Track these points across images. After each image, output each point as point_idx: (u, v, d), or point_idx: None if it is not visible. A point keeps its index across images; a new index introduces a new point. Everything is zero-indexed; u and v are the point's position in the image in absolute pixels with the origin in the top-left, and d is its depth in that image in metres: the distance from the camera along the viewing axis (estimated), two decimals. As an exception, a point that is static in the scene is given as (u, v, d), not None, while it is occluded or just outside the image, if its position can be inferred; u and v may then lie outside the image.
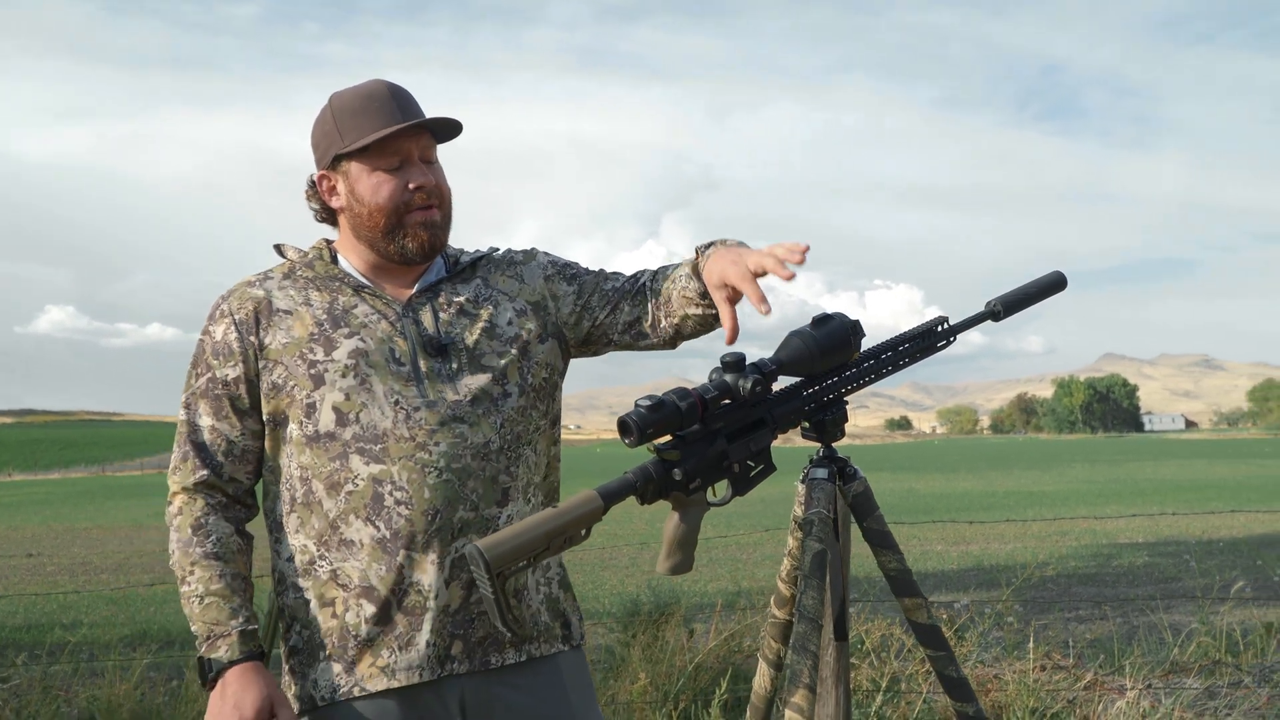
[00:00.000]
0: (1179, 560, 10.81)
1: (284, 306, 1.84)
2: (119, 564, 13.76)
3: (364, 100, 1.83)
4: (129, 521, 22.00)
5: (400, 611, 1.74)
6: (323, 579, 1.77)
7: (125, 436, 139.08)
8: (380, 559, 1.73)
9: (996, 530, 14.35)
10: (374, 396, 1.77)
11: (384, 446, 1.75)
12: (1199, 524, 14.38)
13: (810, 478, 1.75)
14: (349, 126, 1.82)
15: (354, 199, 1.85)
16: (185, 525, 1.78)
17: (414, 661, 1.74)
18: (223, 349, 1.83)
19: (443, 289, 1.91)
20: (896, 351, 1.81)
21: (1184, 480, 27.38)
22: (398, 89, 1.86)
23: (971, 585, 9.18)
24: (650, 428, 1.54)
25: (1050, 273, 1.97)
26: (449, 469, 1.76)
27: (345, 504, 1.75)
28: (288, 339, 1.81)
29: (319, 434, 1.77)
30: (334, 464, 1.76)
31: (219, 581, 1.75)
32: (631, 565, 11.57)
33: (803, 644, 1.61)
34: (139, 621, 8.66)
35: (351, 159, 1.84)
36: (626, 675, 4.59)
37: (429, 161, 1.88)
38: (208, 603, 1.73)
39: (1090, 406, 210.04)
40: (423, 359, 1.82)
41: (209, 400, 1.82)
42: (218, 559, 1.76)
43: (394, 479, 1.74)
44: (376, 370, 1.78)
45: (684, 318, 1.89)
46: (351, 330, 1.81)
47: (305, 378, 1.78)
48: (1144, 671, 4.67)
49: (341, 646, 1.75)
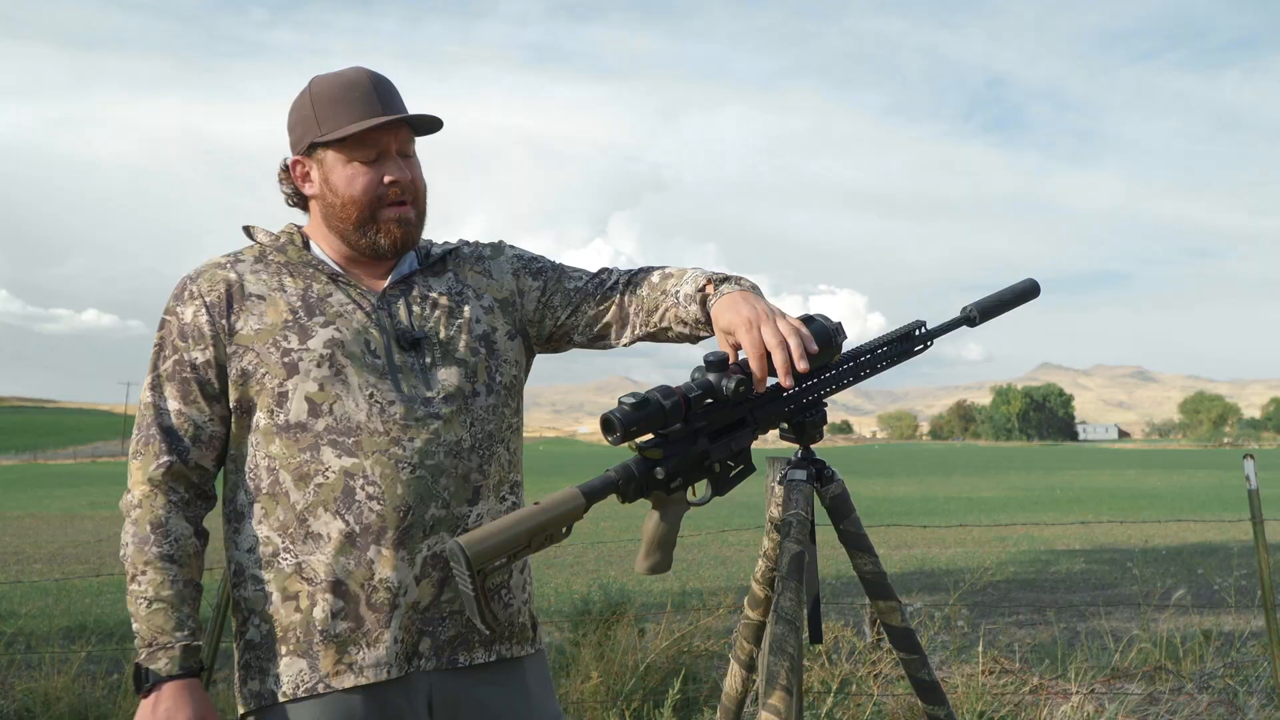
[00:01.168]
0: (1115, 567, 11.00)
1: (256, 291, 1.80)
2: (53, 554, 13.47)
3: (344, 89, 1.80)
4: (62, 510, 21.58)
5: (368, 608, 1.71)
6: (286, 572, 1.72)
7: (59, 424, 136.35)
8: (349, 553, 1.70)
9: (938, 535, 14.51)
10: (348, 388, 1.74)
11: (357, 440, 1.72)
12: (1134, 532, 14.66)
13: (789, 479, 1.75)
14: (327, 114, 1.79)
15: (328, 188, 1.82)
16: (144, 521, 1.73)
17: (381, 658, 1.71)
18: (192, 331, 1.77)
19: (416, 282, 1.88)
20: (875, 354, 1.81)
21: (1118, 489, 27.91)
22: (380, 79, 1.83)
23: (914, 589, 9.27)
24: (634, 425, 1.53)
25: (1024, 280, 1.99)
26: (423, 465, 1.74)
27: (314, 496, 1.71)
28: (260, 325, 1.77)
29: (290, 424, 1.73)
30: (304, 455, 1.72)
31: (170, 587, 1.70)
32: (577, 564, 11.55)
33: (780, 646, 1.61)
34: (76, 613, 8.48)
35: (328, 148, 1.81)
36: (578, 674, 4.57)
37: (406, 156, 1.85)
38: (155, 608, 1.69)
39: (1027, 415, 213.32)
40: (397, 352, 1.79)
41: (176, 383, 1.77)
42: (172, 562, 1.71)
43: (366, 473, 1.71)
44: (352, 361, 1.75)
45: (666, 330, 1.88)
46: (327, 319, 1.78)
47: (278, 365, 1.74)
48: (1087, 676, 4.75)
49: (306, 642, 1.71)
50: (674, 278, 1.89)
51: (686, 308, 1.82)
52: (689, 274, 1.86)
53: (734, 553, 12.47)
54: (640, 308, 1.91)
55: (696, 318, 1.81)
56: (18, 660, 5.31)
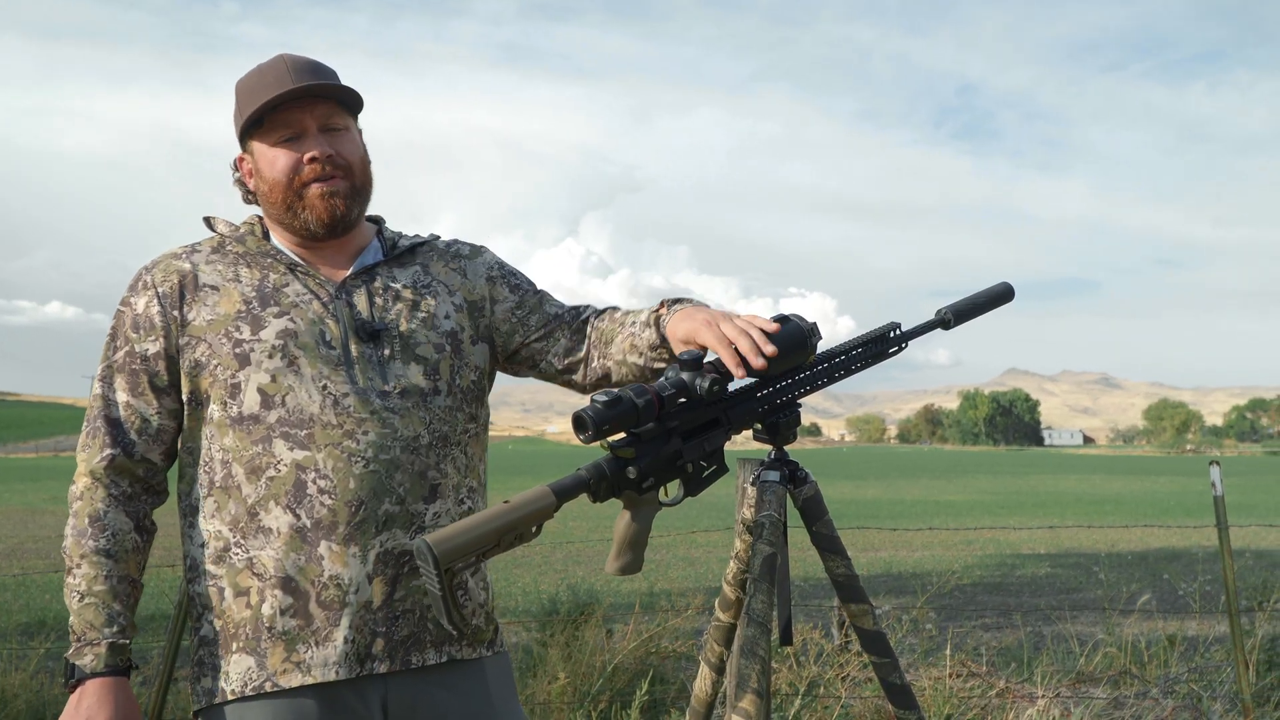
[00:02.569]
0: (1081, 571, 11.09)
1: (211, 281, 1.77)
2: (13, 549, 13.32)
3: (259, 76, 1.78)
4: (23, 504, 21.34)
5: (318, 605, 1.67)
6: (237, 567, 1.69)
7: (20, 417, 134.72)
8: (299, 549, 1.67)
9: (905, 538, 14.58)
10: (302, 379, 1.71)
11: (309, 432, 1.69)
12: (1100, 536, 14.78)
13: (762, 480, 1.73)
14: (246, 104, 1.78)
15: (259, 177, 1.81)
16: (84, 513, 1.70)
17: (330, 658, 1.67)
18: (144, 322, 1.75)
19: (379, 272, 1.85)
20: (850, 355, 1.79)
21: (1083, 494, 28.15)
22: (298, 60, 1.80)
23: (882, 591, 9.30)
24: (606, 424, 1.51)
25: (999, 283, 1.98)
26: (376, 459, 1.71)
27: (265, 490, 1.68)
28: (212, 315, 1.74)
29: (242, 416, 1.70)
30: (256, 448, 1.69)
31: (103, 582, 1.67)
32: (545, 564, 11.52)
33: (751, 648, 1.59)
34: (35, 609, 8.37)
35: (253, 137, 1.80)
36: (545, 675, 4.55)
37: (333, 130, 1.80)
38: (87, 603, 1.66)
39: (993, 419, 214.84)
40: (354, 343, 1.76)
41: (126, 375, 1.74)
42: (108, 556, 1.68)
43: (318, 466, 1.68)
44: (305, 352, 1.72)
45: (621, 363, 1.87)
46: (281, 310, 1.75)
47: (230, 356, 1.71)
48: (1053, 680, 4.76)
49: (255, 638, 1.68)
50: (631, 314, 1.89)
51: (641, 334, 1.81)
52: (645, 310, 1.87)
53: (702, 554, 12.48)
54: (599, 339, 1.91)
55: (651, 342, 1.79)
56: (-26, 657, 5.22)
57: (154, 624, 6.97)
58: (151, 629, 6.73)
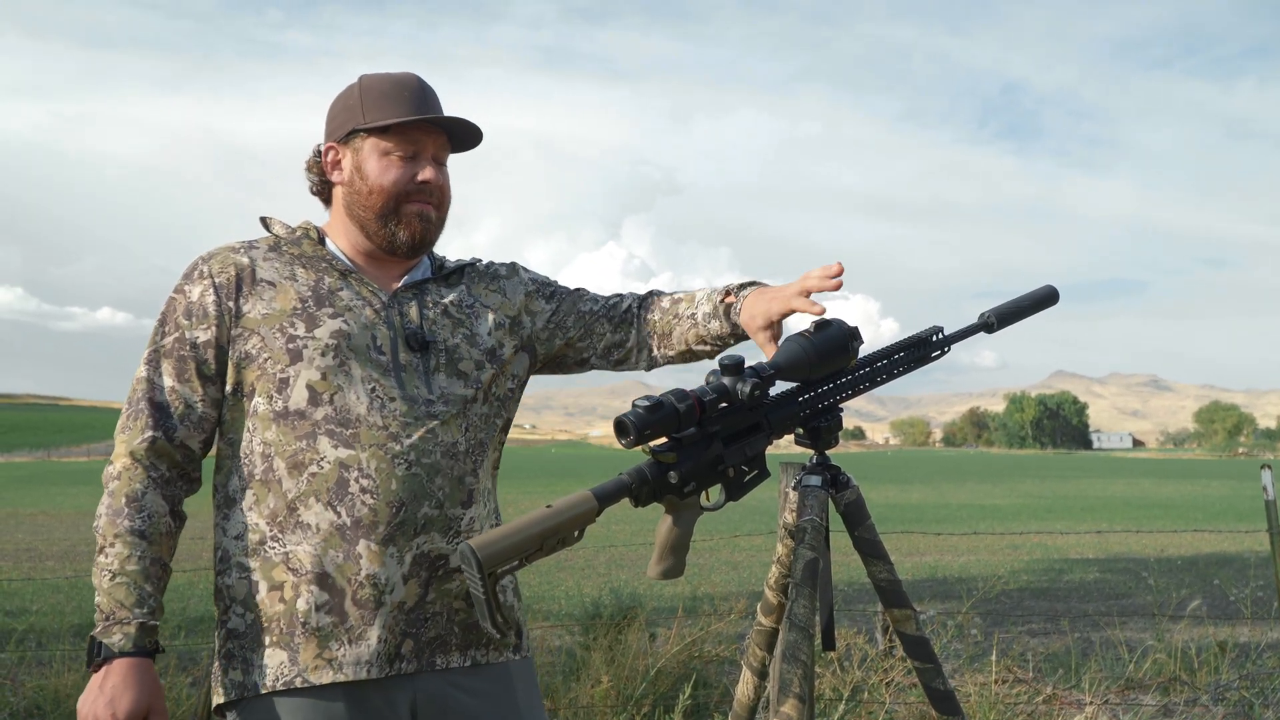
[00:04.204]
0: (1130, 576, 10.94)
1: (268, 277, 1.81)
2: (65, 551, 13.52)
3: (394, 85, 1.85)
4: (75, 508, 21.63)
5: (353, 603, 1.69)
6: (273, 561, 1.71)
7: (72, 421, 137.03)
8: (338, 546, 1.69)
9: (950, 542, 14.45)
10: (351, 380, 1.74)
11: (355, 432, 1.72)
12: (1149, 541, 14.58)
13: (803, 484, 1.73)
14: (373, 105, 1.83)
15: (358, 175, 1.85)
16: (120, 493, 1.71)
17: (363, 657, 1.69)
18: (197, 310, 1.78)
19: (429, 288, 1.90)
20: (892, 360, 1.79)
21: (1132, 498, 27.75)
22: (428, 85, 1.89)
23: (926, 596, 9.22)
24: (648, 429, 1.52)
25: (1043, 286, 1.97)
26: (419, 463, 1.73)
27: (306, 485, 1.71)
28: (268, 310, 1.77)
29: (288, 411, 1.73)
30: (300, 443, 1.72)
31: (136, 563, 1.68)
32: (588, 567, 11.54)
33: (793, 653, 1.59)
34: (88, 610, 8.43)
35: (368, 137, 1.84)
36: (588, 678, 4.55)
37: (440, 162, 1.89)
38: (119, 581, 1.67)
39: (1040, 422, 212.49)
40: (403, 351, 1.80)
41: (173, 360, 1.77)
42: (142, 538, 1.70)
43: (362, 466, 1.70)
44: (357, 355, 1.76)
45: (684, 353, 1.94)
46: (336, 311, 1.78)
47: (282, 351, 1.74)
48: (1101, 687, 4.71)
49: (288, 633, 1.69)
50: (685, 301, 1.94)
51: (707, 326, 1.88)
52: (700, 294, 1.92)
53: (745, 558, 12.44)
54: (653, 332, 1.96)
55: (718, 334, 1.87)
56: (28, 657, 5.33)
57: (203, 625, 7.06)
58: (201, 630, 6.82)
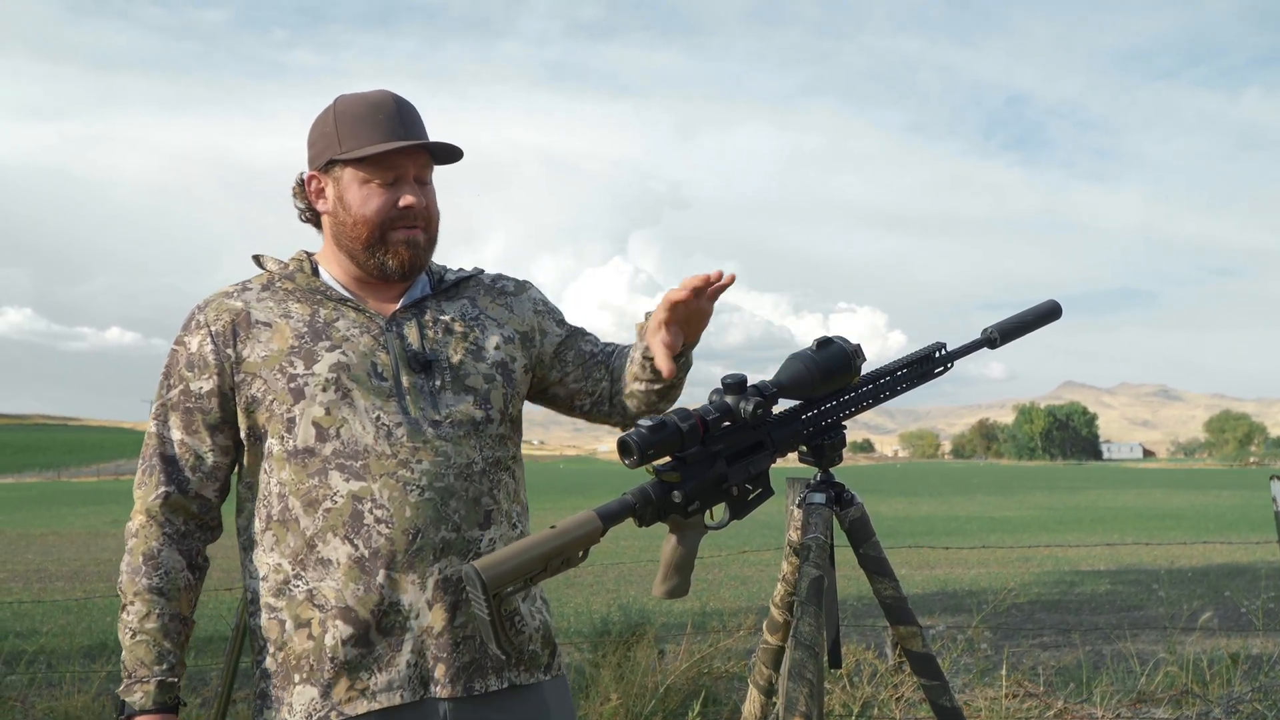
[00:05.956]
0: (1141, 588, 10.89)
1: (263, 318, 1.80)
2: (75, 571, 13.53)
3: (369, 109, 1.80)
4: (85, 528, 21.67)
5: (379, 633, 1.70)
6: (298, 599, 1.72)
7: (82, 441, 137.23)
8: (358, 579, 1.69)
9: (960, 555, 14.40)
10: (355, 411, 1.73)
11: (364, 463, 1.72)
12: (1160, 553, 14.50)
13: (807, 502, 1.73)
14: (349, 133, 1.79)
15: (341, 206, 1.82)
16: (138, 551, 1.73)
17: (394, 681, 1.70)
18: (197, 361, 1.78)
19: (428, 306, 1.89)
20: (895, 376, 1.79)
21: (1142, 509, 27.63)
22: (404, 103, 1.84)
23: (937, 609, 9.19)
24: (651, 448, 1.52)
25: (1046, 301, 1.97)
26: (431, 488, 1.73)
27: (323, 522, 1.71)
28: (266, 351, 1.77)
29: (298, 449, 1.73)
30: (312, 480, 1.72)
31: (155, 620, 1.70)
32: (597, 584, 11.51)
33: (799, 672, 1.59)
34: (98, 631, 8.50)
35: (346, 166, 1.80)
36: (597, 696, 4.55)
37: (423, 182, 1.85)
38: (138, 640, 1.70)
39: (1050, 434, 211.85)
40: (405, 374, 1.79)
41: (180, 413, 1.78)
42: (160, 595, 1.71)
43: (374, 496, 1.70)
44: (358, 384, 1.75)
45: (631, 394, 1.92)
46: (333, 344, 1.77)
47: (285, 391, 1.74)
48: (1113, 700, 4.69)
49: (318, 669, 1.70)
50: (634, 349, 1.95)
51: (634, 354, 1.87)
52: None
53: (755, 573, 12.41)
54: (616, 376, 1.97)
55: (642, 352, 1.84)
56: (39, 679, 5.33)
57: (212, 646, 7.06)
58: (210, 650, 6.82)
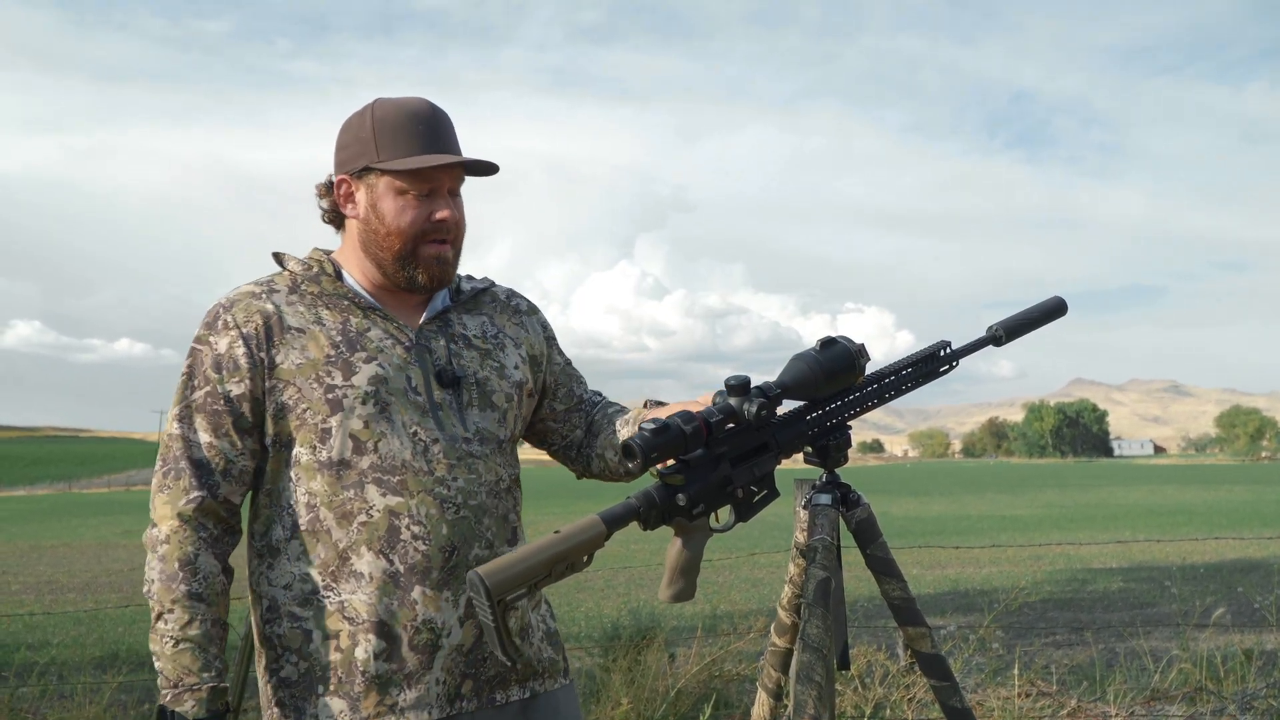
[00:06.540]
0: (1154, 585, 10.84)
1: (295, 324, 1.77)
2: (87, 583, 13.54)
3: (408, 119, 1.77)
4: (96, 539, 21.69)
5: (410, 649, 1.70)
6: (328, 610, 1.70)
7: (92, 453, 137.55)
8: (392, 593, 1.69)
9: (971, 554, 14.35)
10: (393, 426, 1.73)
11: (402, 479, 1.71)
12: (1172, 549, 14.44)
13: (813, 503, 1.72)
14: (387, 141, 1.76)
15: (374, 214, 1.79)
16: (173, 558, 1.68)
17: (423, 699, 1.70)
18: (227, 363, 1.74)
19: (452, 319, 1.88)
20: (900, 375, 1.79)
21: (1154, 505, 27.53)
22: (441, 115, 1.82)
23: (949, 609, 9.16)
24: (655, 452, 1.51)
25: (1051, 298, 1.96)
26: (466, 505, 1.74)
27: (357, 535, 1.70)
28: (302, 359, 1.74)
29: (333, 461, 1.71)
30: (348, 493, 1.71)
31: (197, 627, 1.67)
32: (607, 588, 11.50)
33: (807, 674, 1.58)
34: (109, 642, 8.51)
35: (382, 175, 1.78)
36: (608, 700, 4.53)
37: (455, 195, 1.83)
38: (182, 648, 1.66)
39: (1060, 431, 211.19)
40: (437, 390, 1.78)
41: (207, 415, 1.73)
42: (200, 600, 1.68)
43: (412, 513, 1.70)
44: (396, 398, 1.74)
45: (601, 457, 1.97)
46: (369, 355, 1.75)
47: (321, 402, 1.71)
48: (1126, 698, 4.66)
49: (347, 681, 1.69)
50: (617, 409, 2.01)
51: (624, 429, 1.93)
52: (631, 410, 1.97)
53: (765, 574, 12.38)
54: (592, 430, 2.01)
55: None
56: (50, 690, 5.33)
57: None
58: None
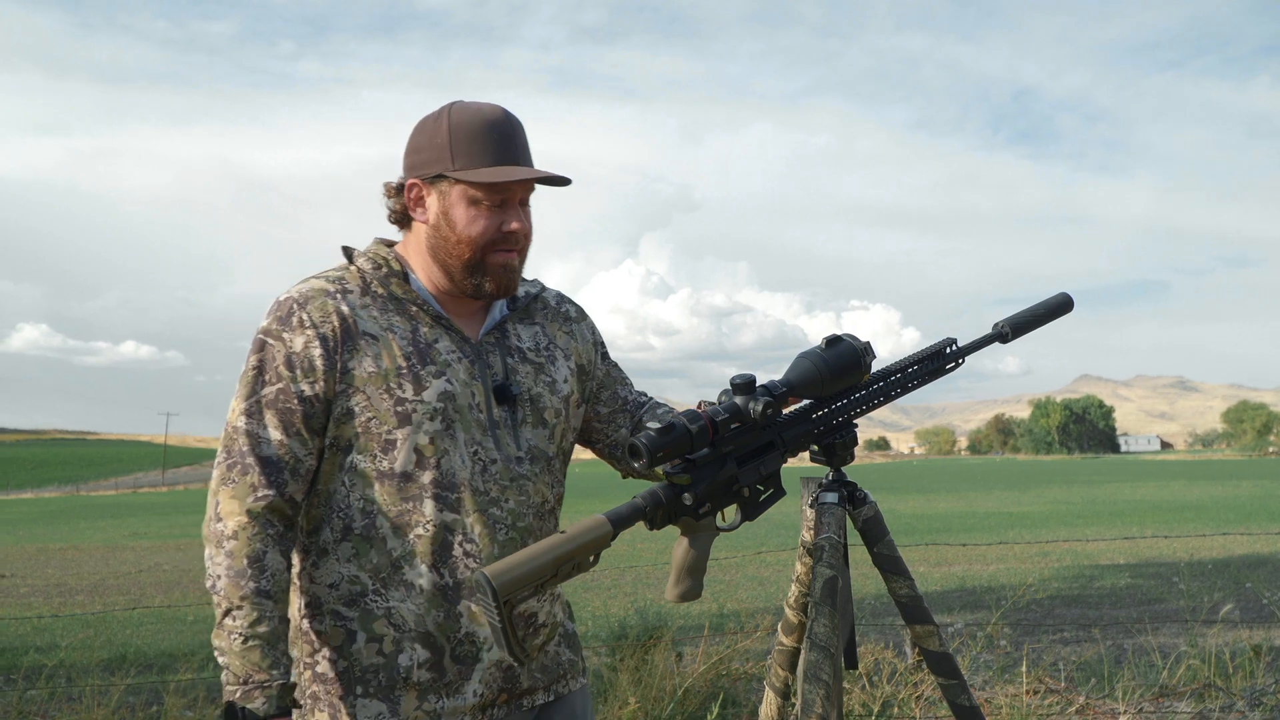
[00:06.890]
0: (1161, 581, 10.82)
1: (369, 330, 1.75)
2: (94, 585, 13.58)
3: (485, 128, 1.76)
4: (104, 542, 21.75)
5: (451, 659, 1.73)
6: (374, 614, 1.72)
7: (99, 455, 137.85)
8: (440, 606, 1.72)
9: (978, 551, 14.33)
10: (456, 444, 1.74)
11: (459, 497, 1.73)
12: (1180, 545, 14.42)
13: (820, 502, 1.72)
14: (463, 150, 1.74)
15: (445, 221, 1.78)
16: (241, 554, 1.66)
17: (460, 707, 1.73)
18: (301, 362, 1.72)
19: (508, 330, 1.88)
20: (906, 373, 1.78)
21: (1161, 501, 27.47)
22: (516, 124, 1.80)
23: (956, 607, 9.16)
24: (660, 451, 1.51)
25: (1057, 294, 1.96)
26: (515, 526, 1.76)
27: (411, 546, 1.72)
28: (374, 368, 1.73)
29: (394, 472, 1.72)
30: (406, 504, 1.72)
31: (266, 624, 1.65)
32: (614, 587, 11.50)
33: (814, 673, 1.58)
34: (117, 644, 8.52)
35: (456, 183, 1.76)
36: (615, 699, 4.53)
37: (524, 204, 1.82)
38: (251, 645, 1.64)
39: (1067, 427, 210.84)
40: (495, 407, 1.79)
41: (277, 412, 1.71)
42: (268, 597, 1.66)
43: (466, 530, 1.72)
44: (460, 416, 1.75)
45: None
46: (438, 369, 1.75)
47: (389, 413, 1.71)
48: (1135, 695, 4.65)
49: (387, 685, 1.71)
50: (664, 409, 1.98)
51: None
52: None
53: (772, 573, 12.38)
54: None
55: None
56: (59, 693, 5.35)
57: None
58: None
